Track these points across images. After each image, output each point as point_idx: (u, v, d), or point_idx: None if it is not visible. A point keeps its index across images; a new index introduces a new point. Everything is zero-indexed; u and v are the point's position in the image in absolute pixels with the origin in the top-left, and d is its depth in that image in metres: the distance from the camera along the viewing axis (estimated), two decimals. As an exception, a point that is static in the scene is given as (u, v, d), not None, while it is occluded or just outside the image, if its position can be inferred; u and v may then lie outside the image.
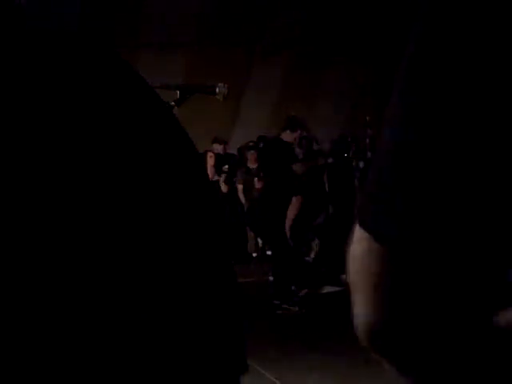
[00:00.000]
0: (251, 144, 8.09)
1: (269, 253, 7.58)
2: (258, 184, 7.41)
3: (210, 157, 7.97)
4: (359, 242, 0.43)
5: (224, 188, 8.33)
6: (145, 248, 0.54)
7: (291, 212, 6.41)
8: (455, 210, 0.38)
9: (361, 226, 0.43)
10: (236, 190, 8.45)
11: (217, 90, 2.90)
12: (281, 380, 3.90)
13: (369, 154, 7.76)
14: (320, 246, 7.75)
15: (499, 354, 0.39)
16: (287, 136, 6.03)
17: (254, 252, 8.93)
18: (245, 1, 8.55)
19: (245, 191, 8.24)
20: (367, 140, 7.83)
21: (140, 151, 0.54)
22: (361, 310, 0.46)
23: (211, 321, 0.57)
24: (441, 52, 0.39)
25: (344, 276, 7.23)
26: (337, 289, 6.73)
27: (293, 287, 6.02)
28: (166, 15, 8.40)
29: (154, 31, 8.60)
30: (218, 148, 8.38)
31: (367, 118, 7.85)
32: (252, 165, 8.03)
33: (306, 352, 4.48)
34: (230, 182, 8.41)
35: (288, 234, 6.41)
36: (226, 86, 2.94)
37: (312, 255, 7.87)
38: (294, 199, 6.38)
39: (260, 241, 8.45)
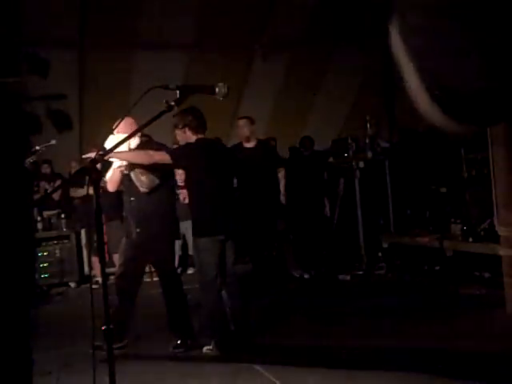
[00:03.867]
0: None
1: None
2: None
3: None
4: None
5: None
6: None
7: None
8: None
9: None
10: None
11: (216, 89, 2.90)
12: (281, 380, 3.89)
13: (369, 154, 7.75)
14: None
15: None
16: None
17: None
18: (245, 1, 8.54)
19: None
20: (367, 140, 7.81)
21: None
22: None
23: None
24: None
25: (342, 275, 7.25)
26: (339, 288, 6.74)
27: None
28: (166, 15, 8.38)
29: (154, 31, 8.58)
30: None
31: (367, 118, 7.84)
32: None
33: (306, 352, 4.48)
34: None
35: None
36: (225, 85, 2.93)
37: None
38: None
39: None
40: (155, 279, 8.05)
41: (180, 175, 8.29)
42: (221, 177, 4.62)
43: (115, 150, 3.89)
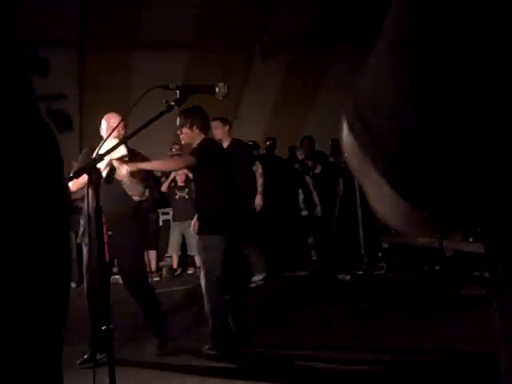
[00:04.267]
0: (250, 144, 8.06)
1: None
2: None
3: None
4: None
5: None
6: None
7: None
8: None
9: None
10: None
11: (216, 89, 2.90)
12: (281, 380, 3.89)
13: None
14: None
15: None
16: None
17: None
18: (245, 1, 8.54)
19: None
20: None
21: None
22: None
23: None
24: None
25: (341, 275, 7.26)
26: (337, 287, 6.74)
27: None
28: (166, 15, 8.38)
29: (154, 31, 8.59)
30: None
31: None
32: None
33: (306, 352, 4.48)
34: None
35: None
36: (225, 85, 2.93)
37: None
38: None
39: None
40: (156, 279, 8.07)
41: (180, 175, 8.29)
42: (226, 176, 4.66)
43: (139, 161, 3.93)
